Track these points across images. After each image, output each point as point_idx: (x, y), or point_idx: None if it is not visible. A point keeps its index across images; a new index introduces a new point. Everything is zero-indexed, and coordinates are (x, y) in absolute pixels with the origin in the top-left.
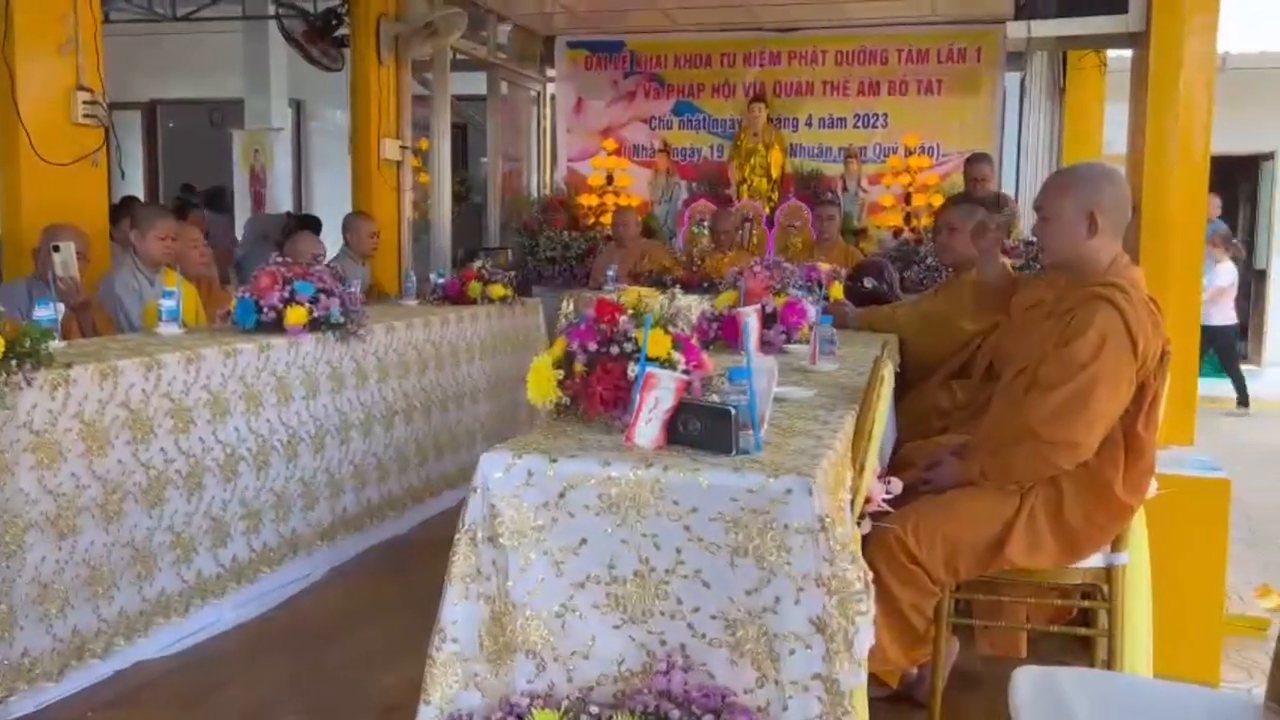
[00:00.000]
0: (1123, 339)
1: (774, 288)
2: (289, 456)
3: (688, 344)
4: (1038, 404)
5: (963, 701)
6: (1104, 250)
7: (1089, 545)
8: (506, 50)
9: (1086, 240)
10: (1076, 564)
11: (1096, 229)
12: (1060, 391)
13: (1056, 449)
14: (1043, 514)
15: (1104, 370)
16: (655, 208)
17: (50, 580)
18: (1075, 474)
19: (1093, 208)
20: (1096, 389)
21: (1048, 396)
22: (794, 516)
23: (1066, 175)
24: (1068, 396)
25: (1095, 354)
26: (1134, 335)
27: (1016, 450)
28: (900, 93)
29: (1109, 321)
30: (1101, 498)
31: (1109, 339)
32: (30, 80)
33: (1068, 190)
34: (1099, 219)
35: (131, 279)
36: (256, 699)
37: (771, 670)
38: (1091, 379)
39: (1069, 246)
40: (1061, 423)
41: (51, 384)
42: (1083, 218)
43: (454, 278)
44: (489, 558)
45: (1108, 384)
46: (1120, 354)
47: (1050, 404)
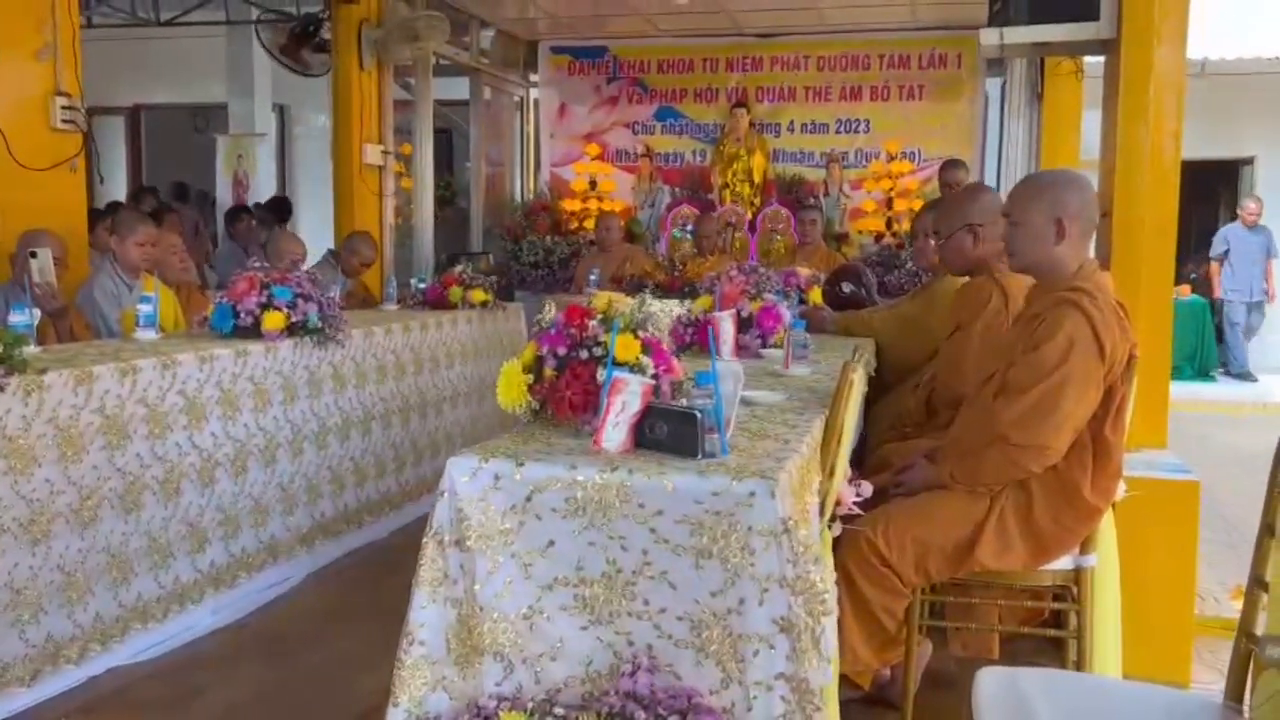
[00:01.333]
0: (1090, 343)
1: (750, 293)
2: (266, 462)
3: (657, 348)
4: (1007, 408)
5: (935, 702)
6: (1072, 256)
7: (1058, 547)
8: (490, 55)
9: (1054, 246)
10: (1046, 566)
11: (1064, 235)
12: (1029, 395)
13: (1025, 452)
14: (1012, 516)
15: (1072, 374)
16: (638, 212)
17: (23, 586)
18: (1044, 477)
19: (1060, 214)
20: (1065, 392)
21: (1017, 400)
22: (757, 519)
23: (1034, 182)
24: (1036, 400)
25: (1063, 358)
26: (1101, 339)
27: (986, 454)
28: (882, 98)
29: (1076, 326)
30: (1070, 500)
31: (1076, 343)
32: (8, 85)
33: (1036, 197)
34: (1067, 225)
35: (110, 284)
36: (232, 703)
37: (736, 670)
38: (1060, 383)
39: (1037, 252)
40: (1030, 426)
41: (25, 389)
42: (1051, 224)
43: (435, 283)
44: (456, 561)
45: (1076, 387)
46: (1088, 358)
47: (1019, 408)
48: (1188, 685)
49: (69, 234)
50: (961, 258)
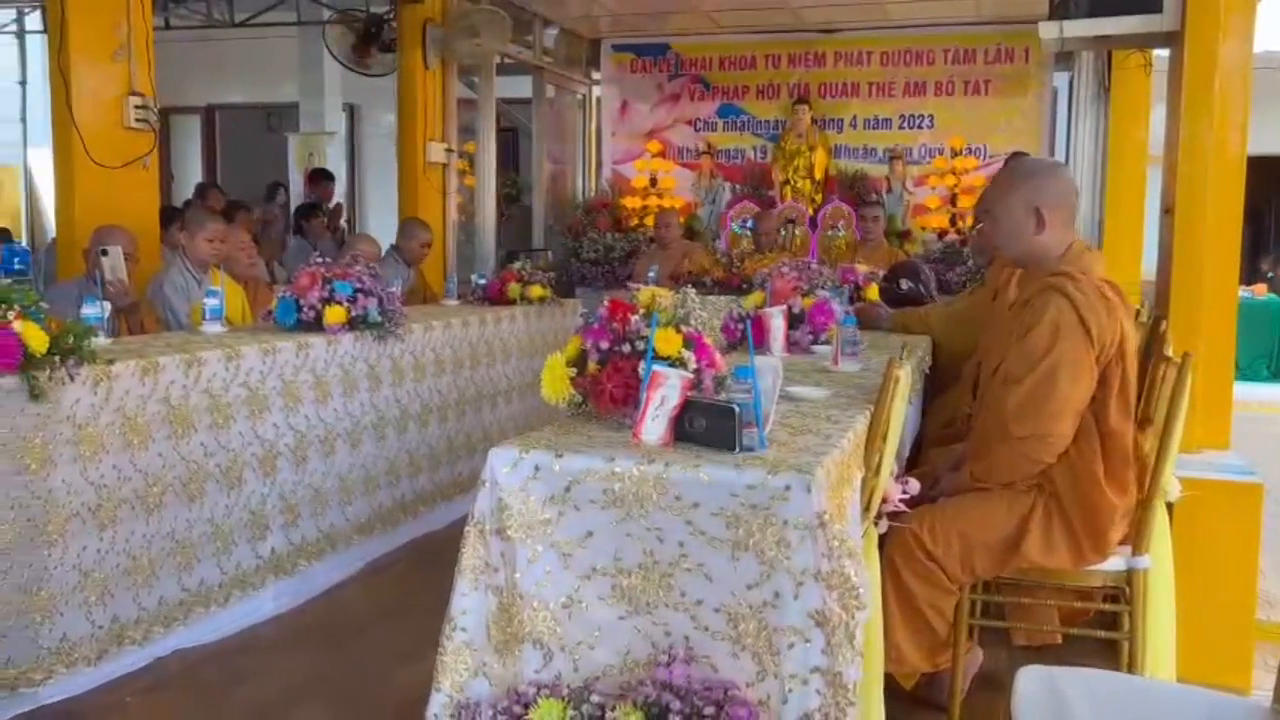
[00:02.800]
0: (1075, 326)
1: (802, 289)
2: (326, 453)
3: (700, 343)
4: (1004, 400)
5: (984, 703)
6: (1055, 242)
7: (1094, 544)
8: (553, 54)
9: (1035, 235)
10: (1096, 566)
11: (1044, 224)
12: (1023, 385)
13: (1028, 443)
14: (1053, 511)
15: (1061, 359)
16: (698, 209)
17: (91, 569)
18: (1063, 470)
19: (1038, 203)
20: (1056, 378)
21: (1013, 392)
22: (792, 512)
23: (1009, 173)
24: (1030, 389)
25: (1050, 344)
26: (1086, 322)
27: (997, 450)
28: (946, 93)
29: (1060, 311)
30: (1090, 492)
31: (1061, 328)
32: (84, 86)
33: (1012, 188)
34: (1045, 213)
35: (180, 279)
36: (286, 687)
37: (772, 663)
38: (1050, 369)
39: (1019, 243)
40: (1028, 417)
41: (94, 379)
42: (1030, 214)
43: (494, 279)
44: (497, 550)
45: (1067, 372)
46: (1075, 341)
47: (1016, 399)
48: (1248, 691)
49: (141, 230)
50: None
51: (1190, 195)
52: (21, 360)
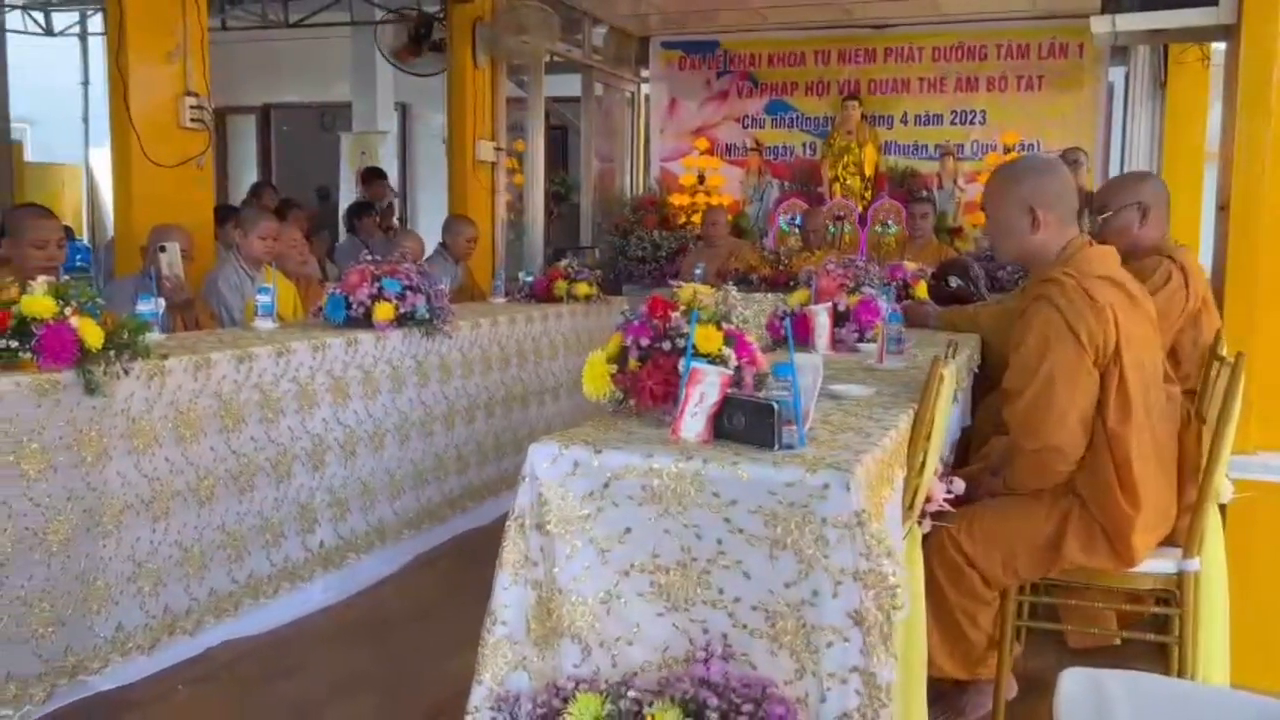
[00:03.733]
0: (1064, 334)
1: (848, 286)
2: (375, 448)
3: (741, 340)
4: (1011, 415)
5: (1029, 706)
6: (1052, 241)
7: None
8: (602, 52)
9: (1031, 235)
10: (1144, 569)
11: (1039, 223)
12: (1024, 399)
13: (1040, 455)
14: (1089, 516)
15: (1056, 368)
16: (746, 207)
17: (144, 559)
18: (1085, 476)
19: (1032, 203)
20: (1053, 387)
21: (1015, 405)
22: (831, 511)
23: (1002, 174)
24: (1030, 402)
25: (1042, 354)
26: (1075, 329)
27: (1016, 461)
28: (999, 89)
29: (1047, 322)
30: (1107, 501)
31: (1050, 338)
32: (141, 86)
33: (1005, 189)
34: (1040, 213)
35: (234, 276)
36: (333, 678)
37: (810, 662)
38: (1046, 379)
39: (1016, 244)
40: (1033, 430)
41: (148, 374)
42: (1024, 214)
43: (541, 276)
44: (537, 545)
45: (1062, 379)
46: (1064, 348)
47: (1019, 412)
48: None
49: (195, 228)
50: (1125, 237)
51: (1246, 192)
52: (78, 355)
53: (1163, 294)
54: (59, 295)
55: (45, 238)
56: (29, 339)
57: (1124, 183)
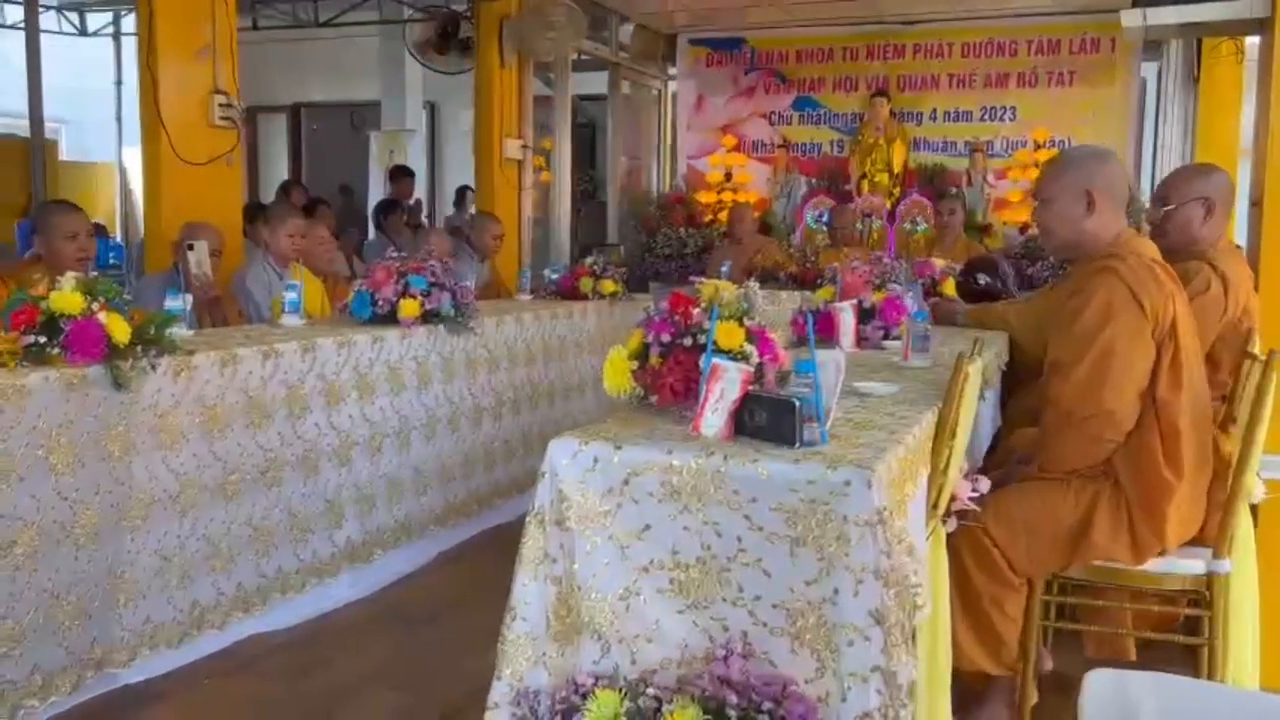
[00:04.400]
0: (1128, 300)
1: (873, 283)
2: (401, 444)
3: (762, 336)
4: (1063, 385)
5: (1054, 707)
6: (1105, 228)
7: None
8: (628, 49)
9: (1085, 220)
10: (1174, 569)
11: (1094, 208)
12: (1081, 366)
13: (1093, 422)
14: (1119, 500)
15: (1117, 334)
16: (774, 204)
17: (171, 554)
18: (1123, 451)
19: (1089, 187)
20: (1113, 353)
21: (1071, 374)
22: (852, 508)
23: (1061, 158)
24: (1089, 369)
25: (1104, 321)
26: (1139, 296)
27: (1060, 437)
28: (1029, 84)
29: (1112, 289)
30: (1147, 470)
31: (1114, 303)
32: (171, 85)
33: (1062, 173)
34: (1095, 197)
35: (262, 273)
36: (359, 672)
37: (831, 660)
38: (1106, 345)
39: (1070, 228)
40: (1090, 396)
41: (175, 369)
42: (1080, 198)
43: (566, 274)
44: (556, 541)
45: (1124, 345)
46: (1129, 314)
47: (1075, 381)
48: None
49: (224, 225)
50: (1185, 233)
51: (1279, 187)
52: (106, 351)
53: (1200, 301)
54: (87, 291)
55: (75, 229)
56: (58, 335)
57: (1190, 176)
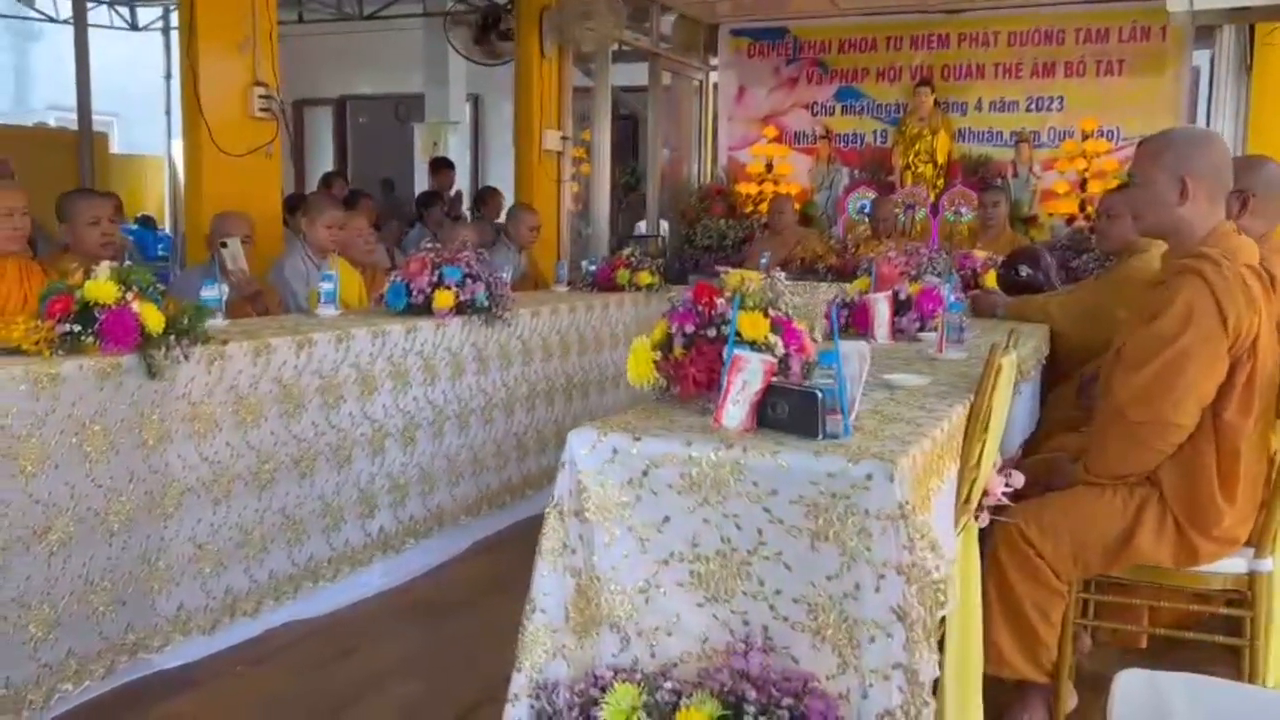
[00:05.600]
0: (1210, 312)
1: (909, 274)
2: (434, 434)
3: (788, 327)
4: (1124, 384)
5: (1084, 705)
6: (1199, 218)
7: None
8: (670, 40)
9: (1178, 207)
10: (1215, 568)
11: (1189, 195)
12: (1147, 370)
13: (1145, 428)
14: (1166, 509)
15: (1192, 345)
16: (815, 195)
17: (205, 541)
18: (1173, 464)
19: (1184, 173)
20: (1184, 365)
21: (1134, 376)
22: (874, 502)
23: (1158, 140)
24: (1155, 374)
25: (1181, 328)
26: (1223, 309)
27: (1109, 436)
28: (1077, 74)
29: (1196, 294)
30: (1198, 488)
31: (1195, 312)
32: (212, 77)
33: (1159, 155)
34: (1191, 185)
35: (300, 264)
36: (390, 661)
37: (852, 657)
38: (1178, 355)
39: (1161, 214)
40: (1149, 402)
41: (208, 359)
42: (1175, 184)
43: (603, 265)
44: (576, 532)
45: (1196, 360)
46: (1208, 327)
47: (1137, 383)
48: None
49: (263, 216)
50: None
51: None
52: (139, 339)
53: None
54: (122, 281)
55: (97, 214)
56: (92, 323)
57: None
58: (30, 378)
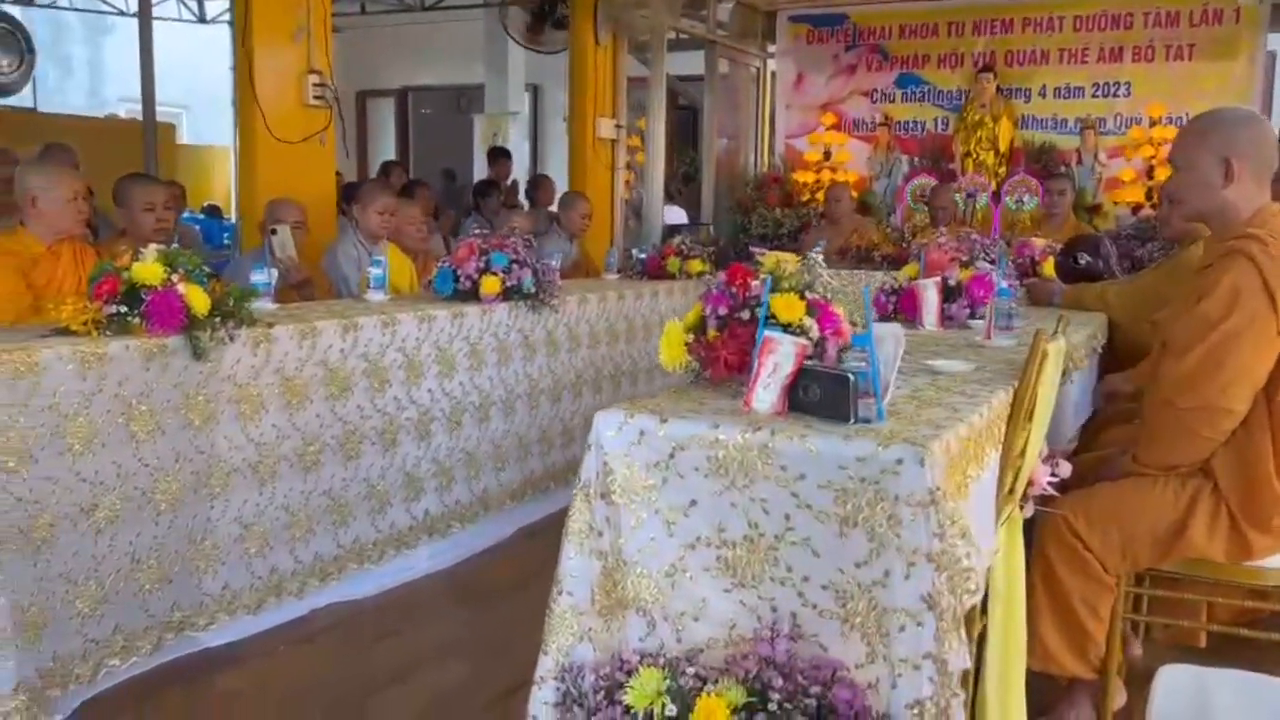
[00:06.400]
0: (1257, 292)
1: (960, 260)
2: (480, 419)
3: (825, 310)
4: (1171, 370)
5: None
6: (1245, 200)
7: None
8: (727, 27)
9: (1223, 189)
10: (1269, 563)
11: (1233, 176)
12: (1193, 354)
13: (1194, 415)
14: (1220, 500)
15: (1239, 327)
16: (873, 183)
17: (251, 522)
18: (1227, 452)
19: (1228, 154)
20: (1231, 348)
21: (1181, 361)
22: (904, 488)
23: (1201, 121)
24: (1201, 358)
25: (1227, 311)
26: (1271, 289)
27: (1158, 424)
28: (1145, 59)
29: (1242, 275)
30: (1254, 476)
31: (1242, 293)
32: (266, 66)
33: (1202, 136)
34: (1235, 165)
35: (352, 249)
36: (433, 644)
37: (881, 645)
38: (1224, 338)
39: (1205, 197)
40: (1196, 387)
41: (254, 341)
42: (1218, 165)
43: (654, 253)
44: (602, 514)
45: (1244, 342)
46: (1256, 308)
47: (1183, 368)
48: None
49: (317, 203)
50: None
51: None
52: (185, 321)
53: None
54: (168, 263)
55: (152, 200)
56: (138, 304)
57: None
58: (78, 357)
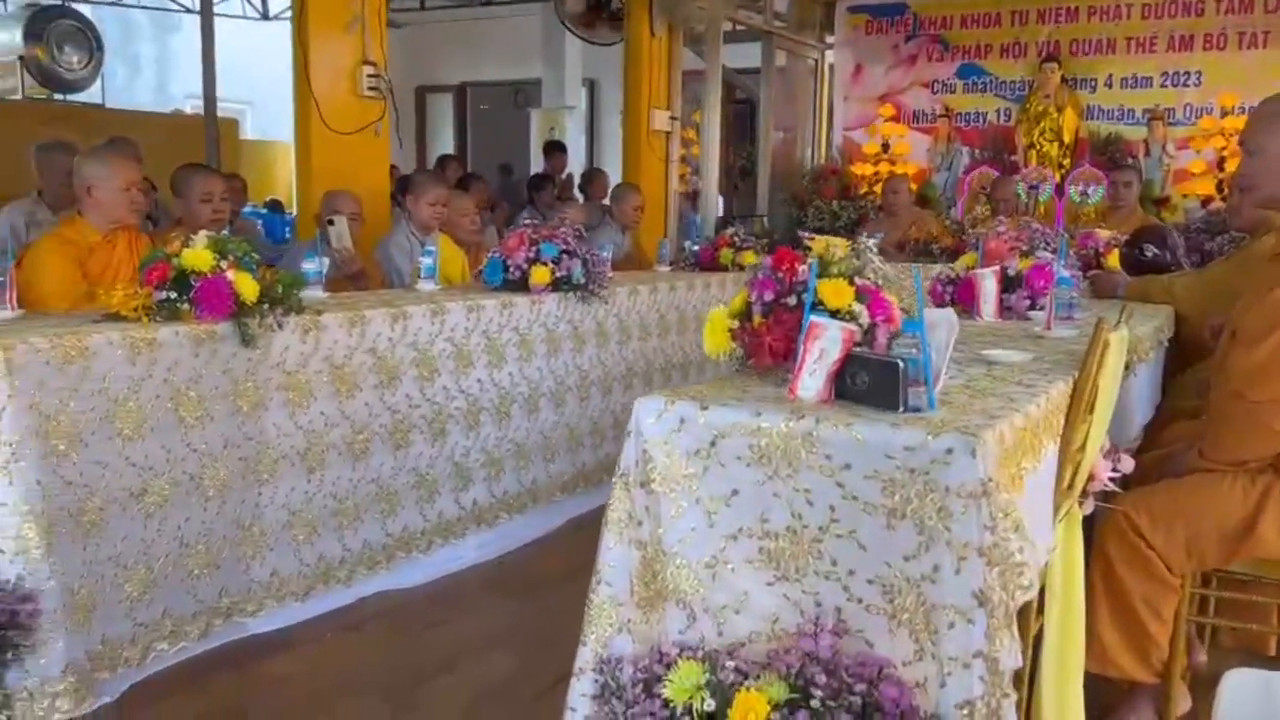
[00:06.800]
0: None
1: (1020, 249)
2: (530, 410)
3: (876, 296)
4: (1242, 360)
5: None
6: None
7: None
8: (784, 18)
9: None
10: None
11: None
12: (1266, 344)
13: (1264, 407)
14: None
15: None
16: (933, 176)
17: (299, 509)
18: None
19: None
20: None
21: (1252, 351)
22: (955, 479)
23: (1273, 103)
24: (1274, 349)
25: None
26: None
27: (1226, 418)
28: (1217, 47)
29: None
30: None
31: None
32: (321, 57)
33: (1274, 119)
34: None
35: (405, 240)
36: (479, 633)
37: (930, 643)
38: None
39: (1278, 183)
40: (1267, 379)
41: (303, 328)
42: None
43: (706, 245)
44: (641, 503)
45: None
46: None
47: (1255, 359)
48: None
49: (371, 194)
50: None
51: None
52: (233, 307)
53: None
54: (217, 250)
55: (210, 190)
56: (187, 291)
57: None
58: (127, 343)
